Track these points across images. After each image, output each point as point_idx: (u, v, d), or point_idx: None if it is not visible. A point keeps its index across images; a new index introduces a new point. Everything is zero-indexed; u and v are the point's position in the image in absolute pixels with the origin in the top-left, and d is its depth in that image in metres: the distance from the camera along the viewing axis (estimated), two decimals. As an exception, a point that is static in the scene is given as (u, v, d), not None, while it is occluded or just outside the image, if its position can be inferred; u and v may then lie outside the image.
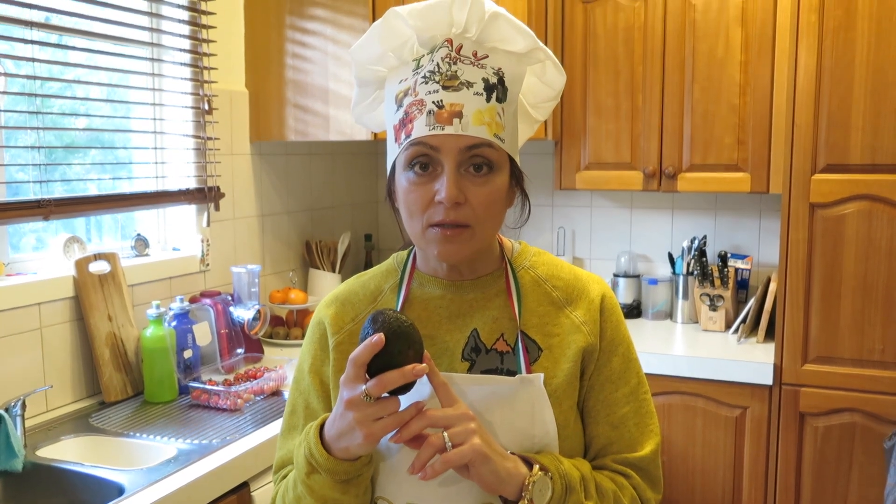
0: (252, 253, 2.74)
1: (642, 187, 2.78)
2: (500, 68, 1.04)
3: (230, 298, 2.45)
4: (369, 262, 3.26)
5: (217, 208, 2.54)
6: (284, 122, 2.66)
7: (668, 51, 2.69)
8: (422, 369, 0.94)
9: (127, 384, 2.12)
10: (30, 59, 1.96)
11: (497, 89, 1.02)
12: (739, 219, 3.00)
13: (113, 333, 2.10)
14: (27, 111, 1.98)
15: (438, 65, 1.02)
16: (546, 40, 2.70)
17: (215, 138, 2.52)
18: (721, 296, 2.76)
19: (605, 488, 1.06)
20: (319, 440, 1.01)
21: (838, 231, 2.32)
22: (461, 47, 1.03)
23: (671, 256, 2.98)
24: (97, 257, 2.11)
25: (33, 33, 1.96)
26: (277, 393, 2.16)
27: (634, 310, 3.02)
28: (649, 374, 1.72)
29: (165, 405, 2.06)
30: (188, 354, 2.17)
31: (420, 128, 1.00)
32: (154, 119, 2.36)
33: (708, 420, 2.47)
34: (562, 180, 2.88)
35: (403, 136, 1.02)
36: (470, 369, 1.08)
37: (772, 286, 2.58)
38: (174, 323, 2.15)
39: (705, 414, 2.47)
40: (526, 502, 0.97)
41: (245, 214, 2.70)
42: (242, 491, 1.76)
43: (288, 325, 2.79)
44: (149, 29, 2.33)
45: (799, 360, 2.38)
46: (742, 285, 2.88)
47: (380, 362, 0.94)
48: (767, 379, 2.39)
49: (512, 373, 1.07)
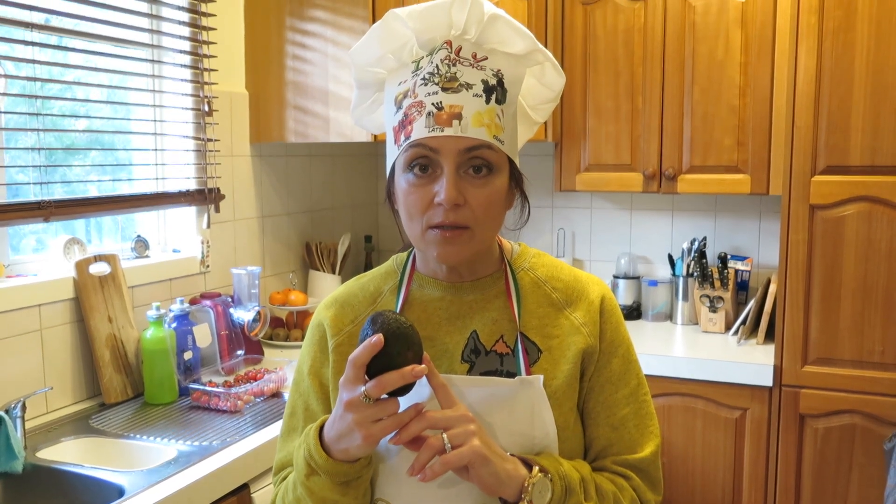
0: (252, 254, 2.74)
1: (642, 189, 2.78)
2: (500, 70, 1.04)
3: (230, 300, 2.45)
4: (369, 264, 3.26)
5: (217, 210, 2.54)
6: (284, 124, 2.66)
7: (668, 52, 2.69)
8: (421, 370, 0.94)
9: (127, 386, 2.12)
10: (30, 61, 1.96)
11: (496, 91, 1.02)
12: (739, 220, 3.00)
13: (113, 335, 2.10)
14: (27, 113, 1.98)
15: (438, 66, 1.02)
16: (546, 42, 2.70)
17: (215, 140, 2.52)
18: (721, 297, 2.76)
19: (605, 490, 1.06)
20: (319, 442, 1.01)
21: (838, 232, 2.32)
22: (460, 49, 1.03)
23: (671, 258, 2.98)
24: (97, 259, 2.11)
25: (33, 35, 1.96)
26: (277, 394, 2.16)
27: (634, 311, 3.02)
28: (649, 376, 1.72)
29: (165, 407, 2.06)
30: (188, 356, 2.17)
31: (419, 129, 1.00)
32: (154, 120, 2.36)
33: (708, 421, 2.47)
34: (562, 182, 2.88)
35: (403, 138, 1.02)
36: (469, 371, 1.08)
37: (772, 287, 2.58)
38: (174, 324, 2.15)
39: (705, 415, 2.47)
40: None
41: (245, 216, 2.70)
42: (242, 492, 1.76)
43: (288, 327, 2.79)
44: (149, 30, 2.34)
45: (799, 362, 2.38)
46: (742, 287, 2.88)
47: (379, 364, 0.93)
48: (767, 380, 2.39)
49: (511, 374, 1.07)
